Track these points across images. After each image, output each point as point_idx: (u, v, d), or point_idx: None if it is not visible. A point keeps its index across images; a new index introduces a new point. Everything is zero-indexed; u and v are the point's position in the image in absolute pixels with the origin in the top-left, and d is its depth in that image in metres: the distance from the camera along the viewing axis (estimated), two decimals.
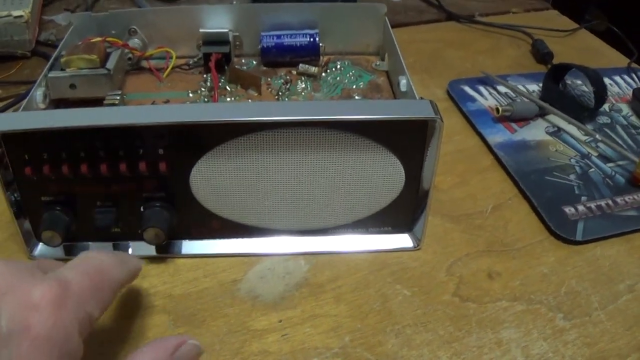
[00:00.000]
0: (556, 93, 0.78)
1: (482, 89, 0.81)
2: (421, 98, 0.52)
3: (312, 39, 0.70)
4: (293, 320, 0.50)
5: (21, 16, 0.82)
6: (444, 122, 0.48)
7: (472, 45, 0.94)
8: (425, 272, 0.54)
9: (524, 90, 0.80)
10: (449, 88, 0.81)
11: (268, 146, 0.49)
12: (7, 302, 0.34)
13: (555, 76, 0.80)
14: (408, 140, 0.50)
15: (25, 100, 0.56)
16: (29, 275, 0.36)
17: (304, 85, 0.67)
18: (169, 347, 0.38)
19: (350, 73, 0.70)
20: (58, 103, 0.62)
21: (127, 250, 0.55)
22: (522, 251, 0.57)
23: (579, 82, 0.82)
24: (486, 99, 0.79)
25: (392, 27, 0.70)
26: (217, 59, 0.66)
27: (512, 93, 0.80)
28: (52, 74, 0.61)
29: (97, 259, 0.41)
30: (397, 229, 0.57)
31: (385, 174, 0.52)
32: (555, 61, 0.88)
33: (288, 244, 0.56)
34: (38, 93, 0.59)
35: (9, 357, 0.32)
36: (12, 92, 0.79)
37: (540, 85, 0.81)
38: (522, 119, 0.75)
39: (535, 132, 0.73)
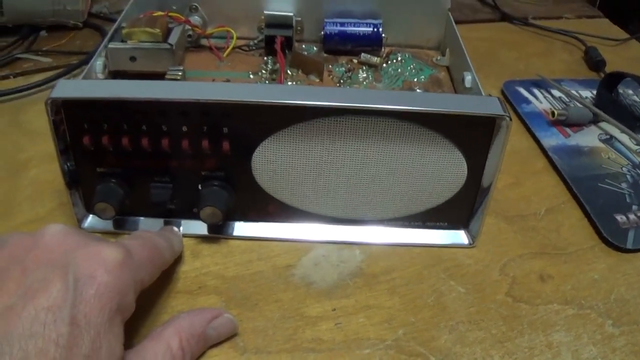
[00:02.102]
0: (609, 101, 0.77)
1: (536, 91, 0.81)
2: (489, 95, 0.52)
3: (375, 29, 0.69)
4: (347, 309, 0.49)
5: None
6: (511, 121, 0.48)
7: (526, 47, 0.94)
8: (479, 270, 0.54)
9: (578, 95, 0.79)
10: (503, 88, 0.81)
11: (334, 132, 0.49)
12: (78, 256, 0.38)
13: (608, 84, 0.79)
14: (474, 137, 0.50)
15: (85, 69, 0.56)
16: (96, 239, 0.41)
17: (365, 75, 0.67)
18: (206, 316, 0.45)
19: (412, 66, 0.69)
20: (116, 75, 0.62)
21: (179, 227, 0.54)
22: (573, 255, 0.56)
23: (631, 91, 0.82)
24: (540, 101, 0.79)
25: None
26: (280, 42, 0.65)
27: (565, 98, 0.80)
28: (112, 45, 0.60)
29: (153, 239, 0.47)
30: (453, 225, 0.56)
31: (448, 168, 0.51)
32: (607, 69, 0.87)
33: (343, 233, 0.56)
34: (98, 63, 0.58)
35: (73, 299, 0.35)
36: (62, 61, 0.80)
37: (593, 92, 0.80)
38: (576, 125, 0.74)
39: (589, 138, 0.72)
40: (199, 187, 0.52)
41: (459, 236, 0.56)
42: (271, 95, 0.48)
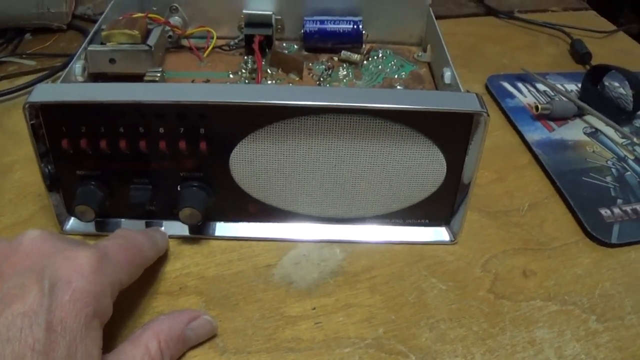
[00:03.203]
0: (595, 94, 0.77)
1: (520, 85, 0.81)
2: (467, 91, 0.52)
3: (355, 26, 0.69)
4: (327, 308, 0.49)
5: None
6: (489, 117, 0.48)
7: (511, 41, 0.94)
8: (461, 267, 0.54)
9: (563, 89, 0.79)
10: (487, 83, 0.81)
11: (311, 131, 0.49)
12: (54, 262, 0.38)
13: (594, 77, 0.78)
14: (452, 133, 0.50)
15: (65, 72, 0.56)
16: (73, 243, 0.42)
17: (345, 73, 0.67)
18: (185, 318, 0.45)
19: (392, 62, 0.69)
20: (96, 77, 0.62)
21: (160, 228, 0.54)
22: (557, 251, 0.56)
23: (617, 84, 0.82)
24: (525, 96, 0.79)
25: None
26: (259, 41, 0.65)
27: (550, 92, 0.79)
28: (92, 47, 0.60)
29: (133, 237, 0.47)
30: (434, 222, 0.56)
31: (427, 165, 0.51)
32: (593, 62, 0.87)
33: (324, 231, 0.56)
34: (77, 66, 0.58)
35: (49, 305, 0.35)
36: (47, 64, 0.79)
37: (579, 85, 0.80)
38: (561, 118, 0.74)
39: (573, 132, 0.72)
40: (178, 188, 0.52)
41: (441, 233, 0.56)
42: (245, 96, 0.47)
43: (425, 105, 0.48)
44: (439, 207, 0.55)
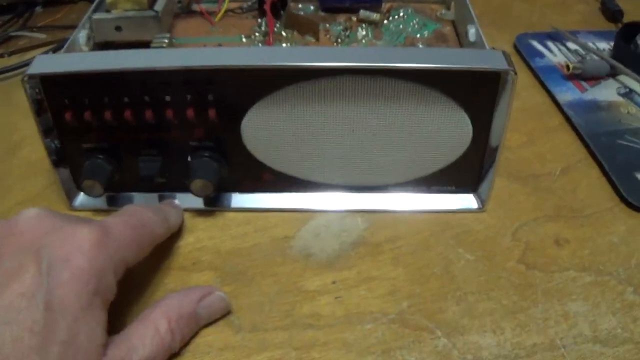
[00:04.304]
0: (628, 53, 0.74)
1: (550, 44, 0.79)
2: (492, 48, 0.50)
3: None
4: (348, 281, 0.48)
5: None
6: (517, 75, 0.46)
7: None
8: (490, 236, 0.52)
9: (595, 48, 0.77)
10: (516, 42, 0.79)
11: (326, 94, 0.48)
12: (52, 240, 0.37)
13: (626, 35, 0.76)
14: (478, 94, 0.48)
15: (67, 43, 0.54)
16: (73, 220, 0.40)
17: (364, 33, 0.65)
18: (196, 295, 0.43)
19: (414, 21, 0.67)
20: (102, 46, 0.60)
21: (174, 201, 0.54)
22: (591, 218, 0.54)
23: None
24: (555, 55, 0.77)
25: None
26: (272, 2, 0.64)
27: (582, 51, 0.78)
28: (96, 16, 0.59)
29: (141, 213, 0.45)
30: (461, 188, 0.55)
31: (451, 128, 0.50)
32: (625, 20, 0.85)
33: (345, 201, 0.54)
34: (81, 35, 0.57)
35: (47, 284, 0.35)
36: (58, 36, 0.80)
37: (611, 44, 0.78)
38: (593, 78, 0.72)
39: (607, 92, 0.70)
40: (189, 158, 0.51)
41: (468, 200, 0.55)
42: (254, 59, 0.46)
43: (448, 64, 0.46)
44: (465, 172, 0.53)
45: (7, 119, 0.65)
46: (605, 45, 0.78)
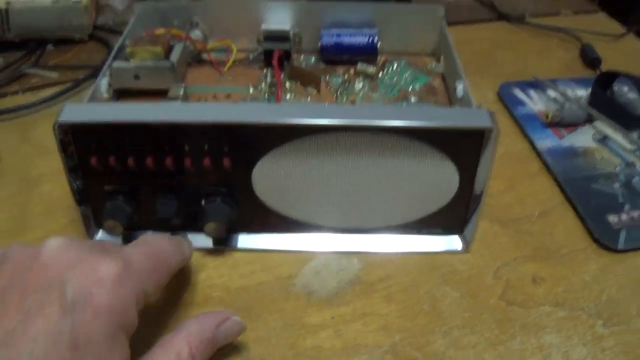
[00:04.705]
0: (604, 100, 0.77)
1: (532, 92, 0.81)
2: (478, 106, 0.53)
3: (371, 40, 0.71)
4: (345, 317, 0.51)
5: (79, 1, 0.84)
6: (500, 131, 0.49)
7: (523, 46, 0.94)
8: (474, 275, 0.55)
9: (574, 95, 0.80)
10: (500, 91, 0.81)
11: (329, 148, 0.50)
12: (74, 275, 0.37)
13: (603, 83, 0.79)
14: (464, 147, 0.51)
15: (92, 89, 0.58)
16: (95, 251, 0.40)
17: (361, 85, 0.68)
18: (215, 320, 0.44)
19: (407, 74, 0.70)
20: (121, 92, 0.64)
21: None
22: (566, 257, 0.57)
23: (626, 89, 0.81)
24: (536, 103, 0.79)
25: None
26: (279, 56, 0.67)
27: (560, 97, 0.80)
28: (116, 64, 0.62)
29: (157, 243, 0.46)
30: (447, 231, 0.57)
31: (440, 178, 0.53)
32: (603, 66, 0.87)
33: (342, 243, 0.57)
34: (102, 82, 0.60)
35: (72, 323, 0.35)
36: (69, 76, 0.81)
37: (589, 90, 0.80)
38: (571, 125, 0.74)
39: (583, 138, 0.73)
40: (203, 202, 0.54)
41: (453, 242, 0.58)
42: (267, 115, 0.49)
43: (438, 122, 0.50)
44: (452, 217, 0.56)
45: (24, 155, 0.67)
46: (583, 92, 0.80)
